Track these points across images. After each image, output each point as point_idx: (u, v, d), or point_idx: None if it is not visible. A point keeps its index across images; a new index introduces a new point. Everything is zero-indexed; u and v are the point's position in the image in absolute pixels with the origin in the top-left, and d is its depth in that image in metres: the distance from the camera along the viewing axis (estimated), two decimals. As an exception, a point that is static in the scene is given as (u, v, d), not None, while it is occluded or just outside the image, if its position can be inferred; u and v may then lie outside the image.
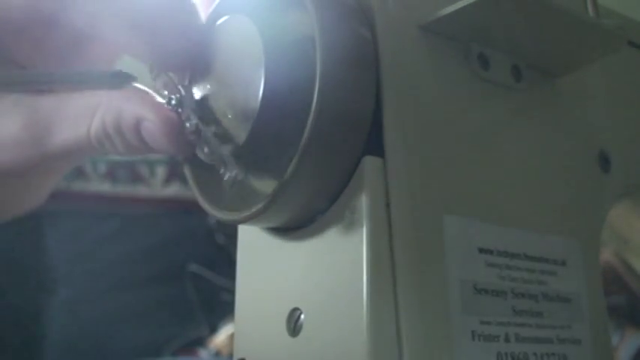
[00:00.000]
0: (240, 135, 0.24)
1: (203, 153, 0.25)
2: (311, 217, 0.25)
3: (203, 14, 0.28)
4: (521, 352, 0.25)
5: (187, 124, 0.26)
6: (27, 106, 0.27)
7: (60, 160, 0.28)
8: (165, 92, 0.27)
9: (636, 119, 0.34)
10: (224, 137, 0.25)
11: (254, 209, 0.24)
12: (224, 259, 1.15)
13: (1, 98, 0.27)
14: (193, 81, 0.27)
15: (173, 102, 0.26)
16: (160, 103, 0.26)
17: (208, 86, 0.26)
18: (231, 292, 0.28)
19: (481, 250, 0.25)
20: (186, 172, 0.28)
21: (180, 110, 0.26)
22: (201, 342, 1.06)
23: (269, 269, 0.27)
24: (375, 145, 0.24)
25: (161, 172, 1.24)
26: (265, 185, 0.25)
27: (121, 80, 0.25)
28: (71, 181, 1.11)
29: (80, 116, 0.27)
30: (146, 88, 0.27)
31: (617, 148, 0.32)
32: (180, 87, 0.26)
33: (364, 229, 0.23)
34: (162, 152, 0.27)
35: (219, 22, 0.26)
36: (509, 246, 0.26)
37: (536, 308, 0.26)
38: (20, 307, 0.99)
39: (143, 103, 0.26)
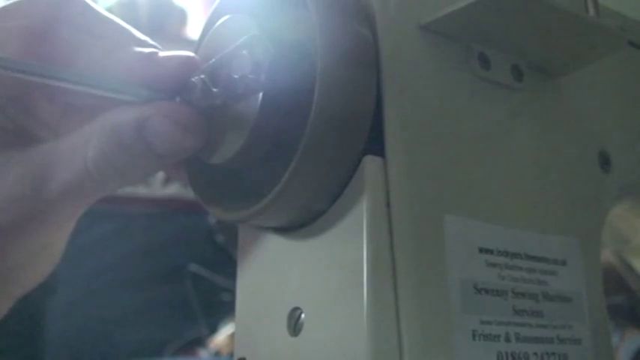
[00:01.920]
0: (241, 134, 0.24)
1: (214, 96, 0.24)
2: (311, 216, 0.25)
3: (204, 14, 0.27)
4: (521, 351, 0.25)
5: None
6: (18, 160, 0.26)
7: (61, 208, 0.26)
8: None
9: (636, 119, 0.34)
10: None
11: (254, 209, 0.24)
12: (224, 259, 1.15)
13: None
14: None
15: (185, 96, 0.25)
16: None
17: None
18: (231, 292, 0.28)
19: (481, 250, 0.25)
20: (186, 171, 0.28)
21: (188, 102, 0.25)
22: (201, 342, 1.06)
23: (269, 269, 0.27)
24: (375, 144, 0.24)
25: (161, 172, 1.24)
26: (266, 185, 0.25)
27: (150, 94, 0.25)
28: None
29: (74, 151, 0.25)
30: None
31: (617, 148, 0.32)
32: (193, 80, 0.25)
33: (364, 229, 0.23)
34: (173, 151, 0.25)
35: (220, 21, 0.26)
36: (510, 245, 0.26)
37: (536, 308, 0.26)
38: (20, 307, 0.99)
39: (139, 106, 0.25)
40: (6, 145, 0.27)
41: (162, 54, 0.26)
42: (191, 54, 0.26)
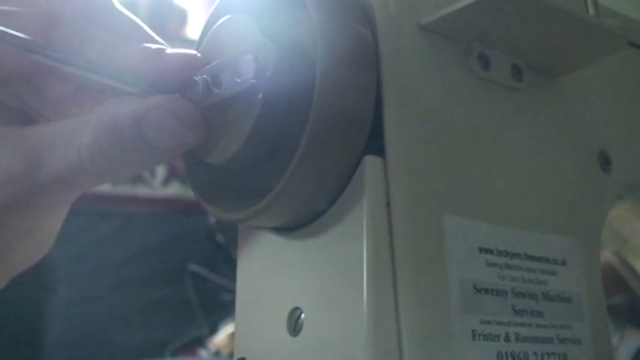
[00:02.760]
0: (241, 134, 0.24)
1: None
2: (311, 216, 0.25)
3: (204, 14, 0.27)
4: (521, 351, 0.25)
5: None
6: (14, 139, 0.26)
7: (51, 193, 0.26)
8: None
9: (636, 119, 0.34)
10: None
11: (254, 209, 0.24)
12: (224, 259, 1.15)
13: None
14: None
15: (184, 93, 0.25)
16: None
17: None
18: (231, 292, 0.28)
19: (481, 250, 0.25)
20: (186, 171, 0.28)
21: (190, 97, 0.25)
22: (201, 342, 1.06)
23: (269, 269, 0.27)
24: (375, 144, 0.24)
25: (161, 172, 1.24)
26: (266, 185, 0.25)
27: (152, 88, 0.25)
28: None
29: (68, 138, 0.25)
30: None
31: (617, 148, 0.32)
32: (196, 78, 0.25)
33: (364, 229, 0.23)
34: (172, 146, 0.25)
35: (220, 21, 0.26)
36: (510, 245, 0.26)
37: (536, 308, 0.26)
38: (21, 307, 0.99)
39: (139, 99, 0.25)
40: (5, 121, 0.27)
41: (168, 51, 0.26)
42: (196, 52, 0.26)
